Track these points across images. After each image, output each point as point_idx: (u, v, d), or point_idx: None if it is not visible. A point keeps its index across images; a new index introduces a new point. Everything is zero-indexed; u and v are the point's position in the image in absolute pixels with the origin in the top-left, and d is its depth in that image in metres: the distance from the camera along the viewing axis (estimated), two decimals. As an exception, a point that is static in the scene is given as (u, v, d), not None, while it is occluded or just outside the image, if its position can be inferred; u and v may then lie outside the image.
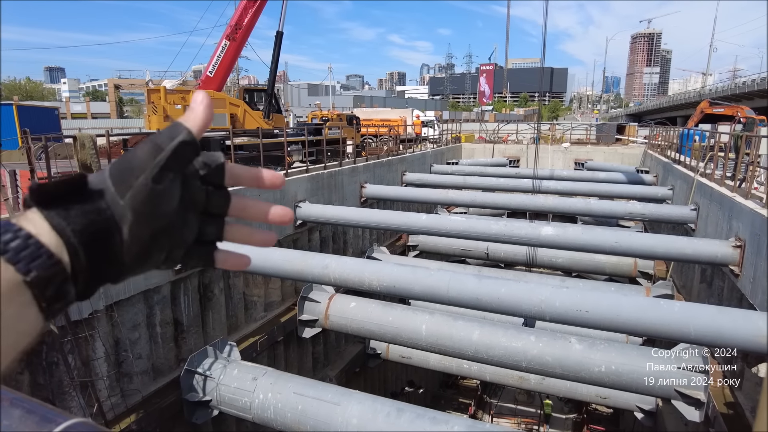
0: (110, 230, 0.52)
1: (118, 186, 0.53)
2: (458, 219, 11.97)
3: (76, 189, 0.52)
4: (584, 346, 7.51)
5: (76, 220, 0.50)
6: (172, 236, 0.57)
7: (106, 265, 0.53)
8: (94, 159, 7.34)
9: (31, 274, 0.46)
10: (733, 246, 8.80)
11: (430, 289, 7.79)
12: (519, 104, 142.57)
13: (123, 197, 0.52)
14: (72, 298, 0.51)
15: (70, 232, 0.49)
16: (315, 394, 7.16)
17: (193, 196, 0.58)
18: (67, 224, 0.49)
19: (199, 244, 0.61)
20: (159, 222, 0.55)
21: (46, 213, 0.49)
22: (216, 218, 0.62)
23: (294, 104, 71.77)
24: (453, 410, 17.66)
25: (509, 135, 33.09)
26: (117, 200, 0.52)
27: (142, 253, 0.55)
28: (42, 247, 0.47)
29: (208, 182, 0.59)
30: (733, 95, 46.02)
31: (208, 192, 0.59)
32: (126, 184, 0.53)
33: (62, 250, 0.49)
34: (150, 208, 0.54)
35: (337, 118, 24.16)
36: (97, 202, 0.52)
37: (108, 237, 0.52)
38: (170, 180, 0.55)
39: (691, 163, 15.05)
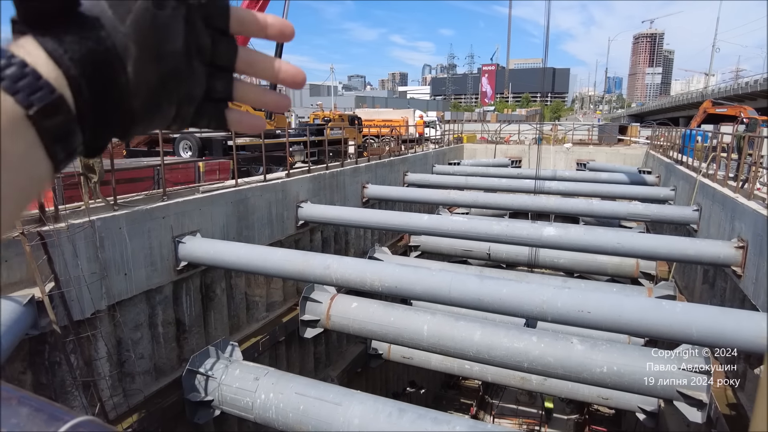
0: (113, 64, 0.45)
1: (115, 9, 0.45)
2: (460, 219, 11.97)
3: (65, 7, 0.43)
4: (586, 346, 7.49)
5: (74, 47, 0.43)
6: (180, 84, 0.51)
7: (113, 106, 0.46)
8: (97, 159, 7.34)
9: (33, 107, 0.39)
10: (736, 247, 8.78)
11: (431, 290, 7.79)
12: (521, 105, 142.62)
13: (123, 22, 0.45)
14: (79, 144, 0.44)
15: (69, 62, 0.42)
16: (317, 395, 7.16)
17: (198, 40, 0.51)
18: (64, 52, 0.42)
19: (209, 102, 0.55)
20: (166, 62, 0.48)
21: (39, 39, 0.42)
22: (224, 71, 0.55)
23: (296, 104, 71.84)
24: (455, 411, 17.65)
25: (511, 135, 33.08)
26: (117, 26, 0.45)
27: (151, 99, 0.48)
28: (41, 77, 0.40)
29: (211, 25, 0.52)
30: (736, 96, 45.95)
31: (213, 38, 0.53)
32: (124, 6, 0.45)
33: (63, 84, 0.42)
34: (155, 40, 0.47)
35: (339, 118, 24.19)
36: (95, 28, 0.44)
37: (112, 71, 0.45)
38: (172, 7, 0.47)
39: (693, 163, 15.02)
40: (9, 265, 6.30)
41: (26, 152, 0.40)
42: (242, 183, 10.71)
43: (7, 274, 6.31)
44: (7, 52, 0.40)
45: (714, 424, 7.74)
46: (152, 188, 9.50)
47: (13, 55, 0.40)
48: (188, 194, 9.30)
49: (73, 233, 6.82)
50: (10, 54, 0.40)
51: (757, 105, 40.16)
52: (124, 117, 0.47)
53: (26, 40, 0.42)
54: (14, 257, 6.28)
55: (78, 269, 6.86)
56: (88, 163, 7.33)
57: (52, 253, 6.53)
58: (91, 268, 7.08)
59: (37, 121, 0.40)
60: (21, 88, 0.39)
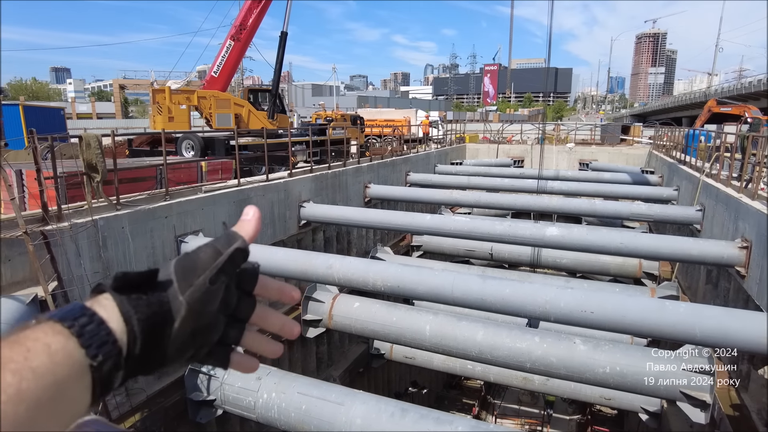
0: (166, 322, 0.56)
1: (180, 282, 0.58)
2: (462, 219, 11.95)
3: (149, 279, 0.57)
4: (589, 347, 7.48)
5: (143, 309, 0.54)
6: (206, 335, 0.61)
7: (154, 355, 0.56)
8: (100, 159, 7.36)
9: (98, 358, 0.48)
10: (740, 247, 8.74)
11: (434, 290, 7.78)
12: (523, 104, 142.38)
13: (183, 293, 0.57)
14: (116, 385, 0.53)
15: (135, 321, 0.53)
16: (319, 394, 7.16)
17: (227, 299, 0.63)
18: (135, 312, 0.53)
19: (219, 345, 0.65)
20: (203, 320, 0.60)
21: (118, 299, 0.53)
22: (239, 323, 0.67)
23: (298, 104, 71.85)
24: (457, 411, 17.61)
25: (513, 135, 33.03)
26: (177, 295, 0.57)
27: (182, 348, 0.59)
28: (111, 333, 0.51)
29: (240, 288, 0.65)
30: (739, 95, 45.72)
31: (239, 297, 0.65)
32: (188, 281, 0.58)
33: (123, 337, 0.52)
34: (201, 306, 0.58)
35: (341, 118, 24.20)
36: (161, 293, 0.57)
37: (163, 328, 0.56)
38: (222, 281, 0.60)
39: (696, 163, 14.97)
40: (12, 264, 6.32)
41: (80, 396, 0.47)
42: (245, 183, 10.72)
43: (11, 273, 6.32)
44: (89, 310, 0.51)
45: (717, 424, 7.70)
46: (155, 188, 9.50)
47: (94, 313, 0.51)
48: (191, 194, 9.31)
49: (75, 233, 6.83)
50: (92, 312, 0.51)
51: (761, 105, 40.00)
52: (159, 362, 0.57)
53: (105, 298, 0.54)
54: (17, 256, 6.30)
55: (81, 269, 6.88)
56: (91, 162, 7.34)
57: (55, 253, 6.55)
58: (93, 267, 7.10)
59: (96, 370, 0.48)
60: (93, 342, 0.49)
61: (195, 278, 0.58)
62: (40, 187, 6.71)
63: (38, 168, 6.71)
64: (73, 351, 0.47)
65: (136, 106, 67.49)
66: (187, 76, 20.15)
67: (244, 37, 15.99)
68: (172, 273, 0.58)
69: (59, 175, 7.19)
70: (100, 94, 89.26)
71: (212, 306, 0.60)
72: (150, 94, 15.95)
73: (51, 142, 7.61)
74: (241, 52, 16.50)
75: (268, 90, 17.78)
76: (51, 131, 9.30)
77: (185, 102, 15.13)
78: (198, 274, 0.59)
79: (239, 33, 15.87)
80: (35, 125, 9.94)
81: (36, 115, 15.47)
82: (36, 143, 6.83)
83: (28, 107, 15.94)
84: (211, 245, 0.62)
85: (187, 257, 0.61)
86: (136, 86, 58.66)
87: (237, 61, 16.56)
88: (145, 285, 0.56)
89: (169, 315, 0.56)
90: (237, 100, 16.32)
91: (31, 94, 62.42)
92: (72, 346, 0.47)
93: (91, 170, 7.38)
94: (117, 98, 53.33)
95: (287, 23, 16.75)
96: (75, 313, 0.50)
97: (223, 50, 15.96)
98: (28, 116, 14.58)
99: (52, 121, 16.13)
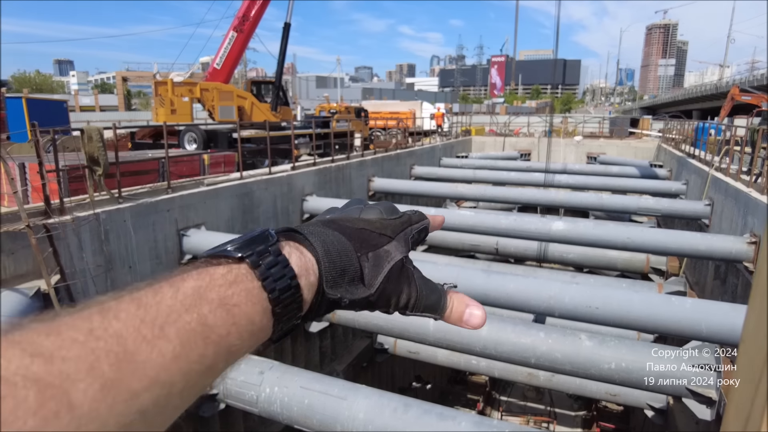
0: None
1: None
2: (467, 213, 11.87)
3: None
4: (594, 342, 7.40)
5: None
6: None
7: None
8: (102, 152, 7.33)
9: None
10: (748, 242, 8.63)
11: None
12: (531, 96, 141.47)
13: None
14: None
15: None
16: (322, 389, 7.14)
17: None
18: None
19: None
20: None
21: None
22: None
23: (302, 97, 71.75)
24: (461, 406, 17.62)
25: (520, 128, 32.77)
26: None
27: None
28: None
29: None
30: (752, 87, 45.16)
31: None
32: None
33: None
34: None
35: (346, 110, 24.08)
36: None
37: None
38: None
39: (705, 157, 14.76)
40: (15, 257, 6.33)
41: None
42: (247, 176, 10.68)
43: (14, 266, 6.33)
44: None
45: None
46: (157, 181, 9.49)
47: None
48: (193, 187, 9.29)
49: (78, 226, 6.82)
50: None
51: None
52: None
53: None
54: (20, 249, 6.30)
55: (83, 262, 6.88)
56: (93, 155, 7.32)
57: (58, 246, 6.54)
58: (96, 260, 7.09)
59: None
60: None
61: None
62: (43, 180, 6.70)
63: (41, 161, 6.69)
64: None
65: (139, 98, 67.62)
66: (191, 68, 20.11)
67: (247, 29, 15.91)
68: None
69: (61, 169, 7.17)
70: (103, 87, 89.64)
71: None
72: (153, 86, 15.94)
73: (53, 135, 7.59)
74: (244, 44, 16.42)
75: (271, 82, 17.71)
76: (54, 124, 9.29)
77: (188, 94, 15.11)
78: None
79: (242, 24, 15.78)
80: (38, 118, 9.92)
81: (39, 107, 15.47)
82: (38, 136, 6.81)
83: (32, 100, 15.96)
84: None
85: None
86: (139, 78, 58.81)
87: (240, 52, 16.50)
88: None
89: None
90: (240, 93, 16.26)
91: (34, 86, 62.77)
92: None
93: (94, 163, 7.35)
94: (120, 90, 53.52)
95: (291, 14, 16.64)
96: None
97: (226, 42, 15.89)
98: (31, 109, 14.59)
99: (55, 114, 16.13)
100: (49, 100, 20.16)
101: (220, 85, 15.65)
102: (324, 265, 0.51)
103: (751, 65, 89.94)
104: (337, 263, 0.52)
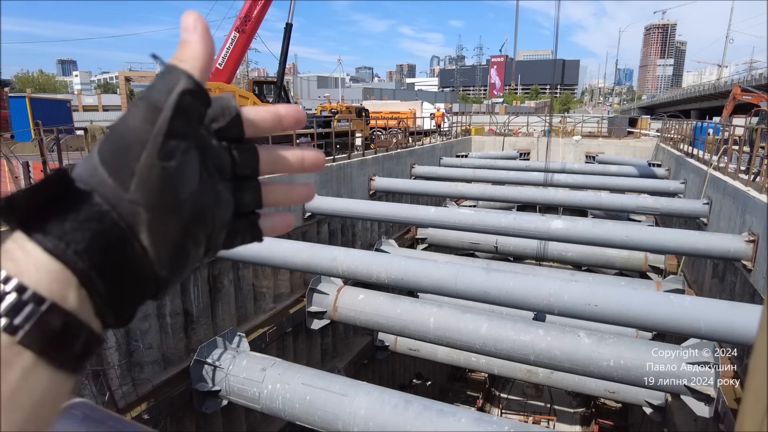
0: (123, 238, 0.39)
1: (115, 175, 0.39)
2: (467, 212, 11.93)
3: (60, 191, 0.38)
4: (593, 340, 7.47)
5: (77, 236, 0.37)
6: (207, 221, 0.45)
7: (134, 283, 0.40)
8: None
9: (20, 332, 0.33)
10: (746, 241, 8.68)
11: (438, 282, 7.79)
12: (530, 96, 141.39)
13: (127, 189, 0.39)
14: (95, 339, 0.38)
15: (74, 256, 0.36)
16: (323, 385, 7.20)
17: (216, 161, 0.45)
18: (66, 246, 0.36)
19: (240, 218, 0.50)
20: (184, 209, 0.42)
21: (35, 237, 0.36)
22: (249, 181, 0.50)
23: (303, 96, 71.76)
24: (461, 403, 17.70)
25: (520, 128, 32.82)
26: (120, 195, 0.39)
27: (177, 255, 0.42)
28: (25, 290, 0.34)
29: (225, 138, 0.46)
30: (759, 86, 45.23)
31: (230, 150, 0.47)
32: (126, 169, 0.39)
33: (66, 284, 0.36)
34: (168, 195, 0.41)
35: (347, 110, 24.11)
36: (94, 204, 0.38)
37: (123, 247, 0.39)
38: (182, 150, 0.41)
39: (704, 156, 14.83)
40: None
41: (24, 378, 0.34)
42: (249, 175, 10.71)
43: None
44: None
45: (721, 418, 7.69)
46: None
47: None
48: (196, 186, 9.33)
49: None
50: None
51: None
52: (148, 285, 0.42)
53: (18, 238, 0.37)
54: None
55: (87, 260, 6.93)
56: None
57: (62, 244, 6.59)
58: (100, 258, 7.14)
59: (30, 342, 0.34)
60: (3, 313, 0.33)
61: (134, 161, 0.39)
62: (47, 178, 6.74)
63: (44, 160, 6.75)
64: None
65: (142, 98, 67.46)
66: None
67: (248, 29, 15.97)
68: (98, 165, 0.39)
69: (65, 167, 7.22)
70: (106, 87, 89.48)
71: (189, 185, 0.42)
72: (155, 86, 15.97)
73: (57, 134, 7.66)
74: (246, 44, 16.48)
75: (273, 82, 17.77)
76: (57, 123, 9.34)
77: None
78: (136, 153, 0.39)
79: (244, 24, 15.84)
80: (42, 117, 10.00)
81: (42, 107, 15.54)
82: (42, 135, 6.87)
83: (35, 99, 16.02)
84: (143, 100, 0.41)
85: (111, 134, 0.40)
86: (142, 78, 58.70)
87: (242, 52, 16.55)
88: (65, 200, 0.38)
89: (121, 226, 0.39)
90: (242, 92, 16.31)
91: (37, 86, 62.77)
92: None
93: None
94: (123, 90, 53.44)
95: (292, 14, 16.70)
96: None
97: (228, 42, 15.94)
98: (35, 108, 14.66)
99: (59, 114, 16.19)
100: (53, 100, 20.21)
101: (222, 85, 15.71)
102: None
103: (750, 65, 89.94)
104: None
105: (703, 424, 7.82)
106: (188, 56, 0.44)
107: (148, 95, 0.41)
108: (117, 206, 0.39)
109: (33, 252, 0.36)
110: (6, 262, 0.35)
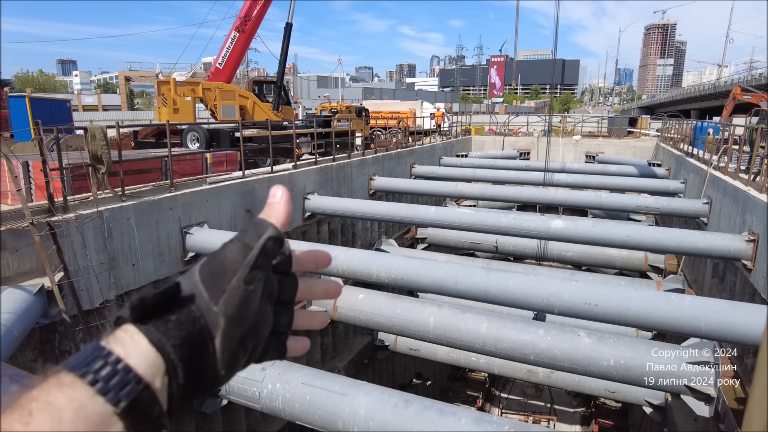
0: (205, 340, 0.50)
1: (210, 291, 0.51)
2: (467, 212, 11.92)
3: (172, 296, 0.50)
4: (593, 339, 7.46)
5: (175, 333, 0.48)
6: (256, 335, 0.56)
7: (202, 377, 0.50)
8: (105, 150, 7.38)
9: (121, 404, 0.42)
10: (747, 240, 8.68)
11: (438, 282, 7.79)
12: (530, 96, 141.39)
13: (217, 303, 0.51)
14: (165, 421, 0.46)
15: (170, 348, 0.47)
16: (323, 385, 7.20)
17: (269, 288, 0.57)
18: (167, 339, 0.47)
19: (273, 336, 0.60)
20: (247, 323, 0.53)
21: (144, 329, 0.47)
22: (286, 306, 0.61)
23: (303, 96, 71.76)
24: (461, 402, 17.69)
25: (520, 127, 32.82)
26: (210, 306, 0.51)
27: (233, 359, 0.53)
28: (131, 371, 0.44)
29: (278, 272, 0.59)
30: (759, 85, 45.24)
31: (280, 281, 0.59)
32: (219, 288, 0.52)
33: (157, 370, 0.46)
34: (241, 311, 0.52)
35: (347, 110, 24.13)
36: (191, 310, 0.50)
37: (203, 348, 0.50)
38: (259, 279, 0.54)
39: (704, 156, 14.83)
40: (19, 254, 6.37)
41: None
42: (249, 174, 10.73)
43: (18, 264, 6.38)
44: (104, 350, 0.45)
45: (721, 418, 7.69)
46: (160, 179, 9.54)
47: (109, 353, 0.45)
48: (196, 185, 9.34)
49: (81, 224, 6.88)
50: (106, 352, 0.45)
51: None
52: (209, 383, 0.52)
53: (125, 331, 0.47)
54: (24, 247, 6.36)
55: (87, 259, 6.93)
56: (97, 154, 7.37)
57: (61, 243, 6.60)
58: (99, 258, 7.15)
59: (124, 416, 0.42)
60: (112, 387, 0.42)
61: (227, 282, 0.52)
62: (46, 178, 6.75)
63: (44, 160, 6.74)
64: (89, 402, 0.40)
65: (142, 98, 67.70)
66: (193, 67, 20.15)
67: (248, 29, 15.97)
68: (199, 282, 0.52)
69: (65, 167, 7.22)
70: (105, 86, 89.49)
71: (253, 306, 0.54)
72: (155, 86, 15.98)
73: (57, 134, 7.65)
74: (246, 44, 16.48)
75: (273, 82, 17.77)
76: (57, 123, 9.34)
77: (190, 94, 15.16)
78: (229, 277, 0.52)
79: (244, 24, 15.84)
80: (41, 117, 9.99)
81: (42, 107, 15.54)
82: (42, 135, 6.86)
83: (35, 99, 16.02)
84: (238, 240, 0.55)
85: (213, 260, 0.54)
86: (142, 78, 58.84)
87: (242, 52, 16.55)
88: (170, 304, 0.49)
89: (206, 331, 0.50)
90: (242, 92, 16.33)
91: (37, 86, 62.78)
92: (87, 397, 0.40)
93: (97, 162, 7.40)
94: (123, 90, 53.48)
95: (292, 14, 16.70)
96: (87, 358, 0.44)
97: (228, 42, 15.95)
98: (35, 108, 14.65)
99: (59, 113, 16.19)
100: (53, 100, 20.22)
101: (223, 85, 15.72)
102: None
103: (750, 65, 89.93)
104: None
105: (703, 423, 7.81)
106: (274, 215, 0.61)
107: (242, 237, 0.56)
108: (206, 314, 0.51)
109: (140, 342, 0.46)
110: (117, 347, 0.45)
